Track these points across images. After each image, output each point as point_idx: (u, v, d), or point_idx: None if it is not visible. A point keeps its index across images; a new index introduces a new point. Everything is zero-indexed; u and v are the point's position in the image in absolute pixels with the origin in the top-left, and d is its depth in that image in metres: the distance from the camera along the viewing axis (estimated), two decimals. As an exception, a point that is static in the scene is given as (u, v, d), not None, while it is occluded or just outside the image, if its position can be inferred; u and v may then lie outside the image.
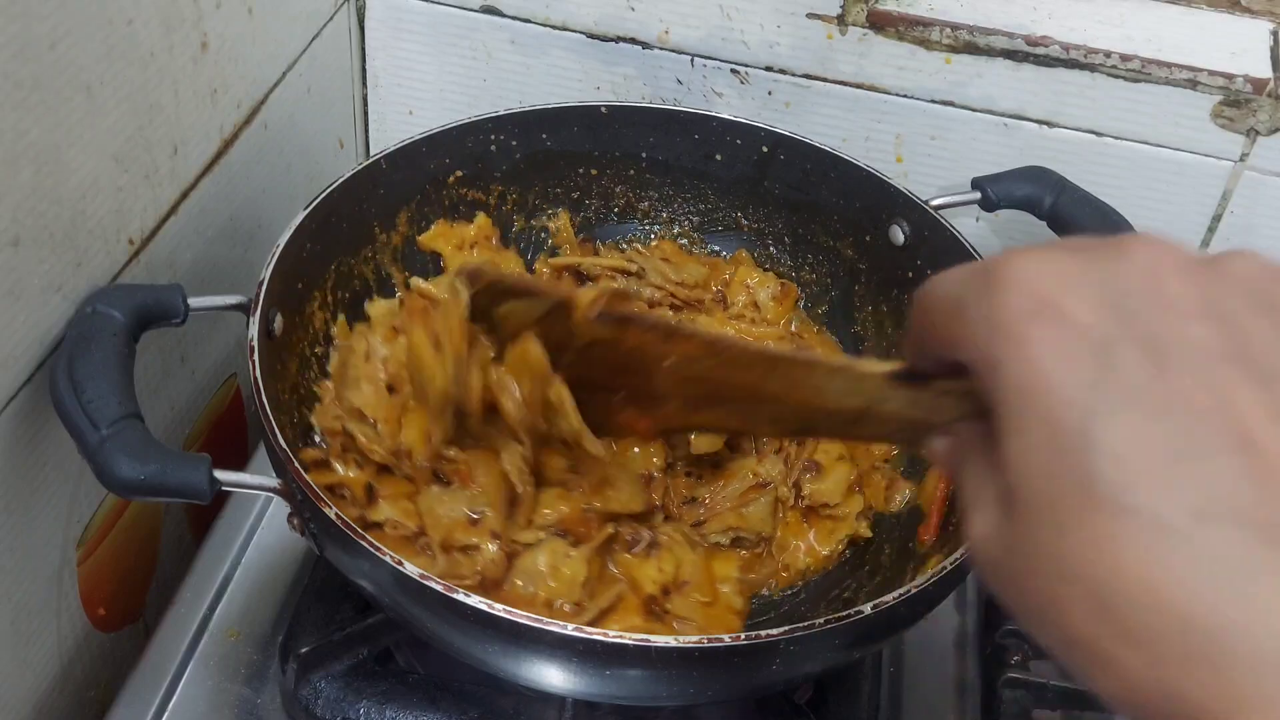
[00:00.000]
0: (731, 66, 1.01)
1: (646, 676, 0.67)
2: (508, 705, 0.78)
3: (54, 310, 0.73)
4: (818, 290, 0.99)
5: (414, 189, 0.93)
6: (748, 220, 1.01)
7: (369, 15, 1.07)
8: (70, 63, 0.70)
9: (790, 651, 0.65)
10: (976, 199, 0.92)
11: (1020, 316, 0.37)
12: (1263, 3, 0.99)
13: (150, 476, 0.66)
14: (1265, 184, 0.96)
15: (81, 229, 0.74)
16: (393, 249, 0.93)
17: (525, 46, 1.05)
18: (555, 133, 0.96)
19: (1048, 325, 0.37)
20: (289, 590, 0.87)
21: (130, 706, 0.80)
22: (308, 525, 0.71)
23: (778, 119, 1.00)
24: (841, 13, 0.96)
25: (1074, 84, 0.95)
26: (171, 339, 0.89)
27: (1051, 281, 0.37)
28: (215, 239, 0.91)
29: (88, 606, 0.85)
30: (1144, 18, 0.97)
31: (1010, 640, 0.87)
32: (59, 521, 0.80)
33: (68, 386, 0.68)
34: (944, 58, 0.96)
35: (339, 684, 0.78)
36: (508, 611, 0.63)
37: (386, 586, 0.67)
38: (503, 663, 0.68)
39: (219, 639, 0.84)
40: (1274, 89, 0.92)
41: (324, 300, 0.87)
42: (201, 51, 0.83)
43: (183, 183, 0.85)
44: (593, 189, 1.00)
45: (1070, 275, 0.37)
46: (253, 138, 0.93)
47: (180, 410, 0.92)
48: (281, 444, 0.69)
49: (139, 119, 0.78)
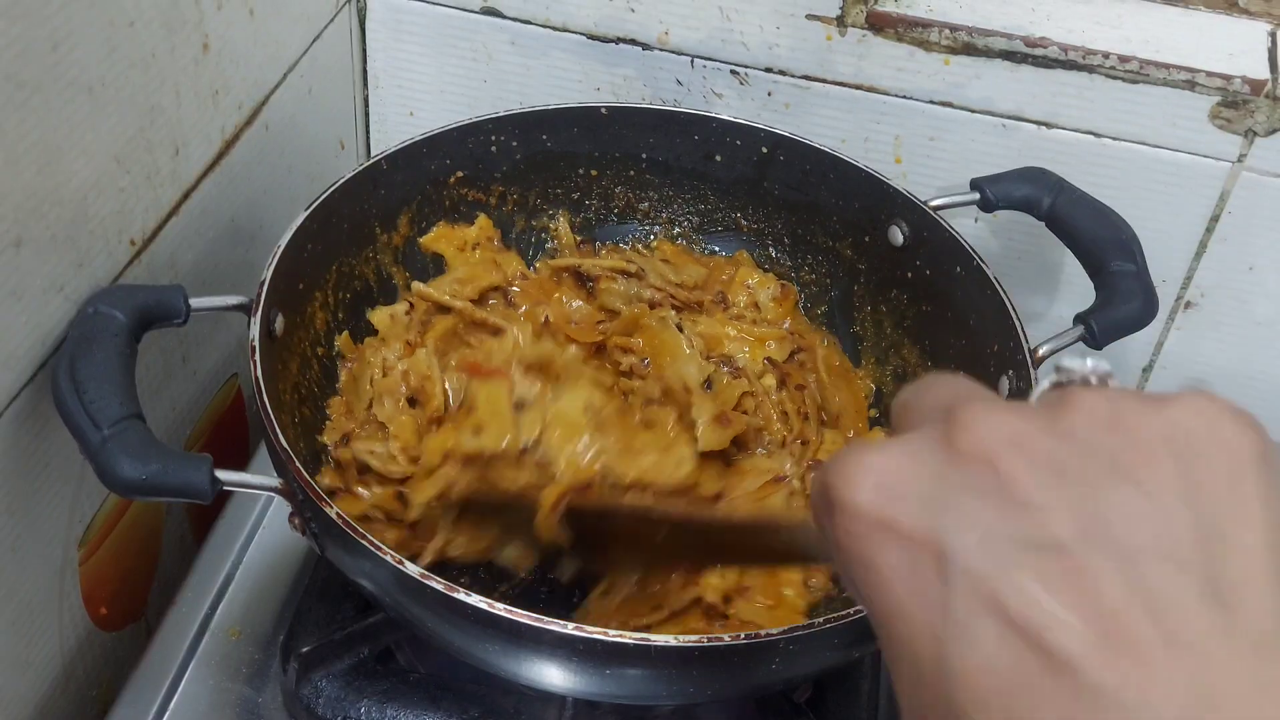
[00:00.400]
0: (731, 68, 1.02)
1: (646, 676, 0.68)
2: (508, 704, 0.78)
3: (55, 311, 0.73)
4: (817, 291, 1.00)
5: (415, 190, 0.93)
6: (747, 221, 1.01)
7: (370, 17, 1.07)
8: (72, 64, 0.70)
9: (789, 651, 0.65)
10: (975, 200, 0.92)
11: (859, 542, 0.34)
12: (1260, 4, 0.99)
13: (152, 476, 0.66)
14: (1263, 185, 0.96)
15: (83, 230, 0.75)
16: (394, 249, 0.93)
17: (525, 48, 1.05)
18: (555, 134, 0.97)
19: (877, 541, 0.33)
20: (290, 590, 0.88)
21: (132, 706, 0.80)
22: (309, 525, 0.71)
23: (777, 120, 1.00)
24: (841, 14, 0.97)
25: (1072, 85, 0.95)
26: (173, 339, 0.89)
27: (880, 493, 0.34)
28: (216, 240, 0.91)
29: (89, 606, 0.85)
30: (1142, 19, 0.97)
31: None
32: (61, 521, 0.80)
33: (69, 386, 0.68)
34: (943, 59, 0.97)
35: (340, 683, 0.79)
36: (508, 610, 0.63)
37: (387, 586, 0.68)
38: (503, 662, 0.68)
39: (220, 638, 0.84)
40: (1272, 90, 0.92)
41: (325, 300, 0.87)
42: (203, 53, 0.84)
43: (184, 184, 0.86)
44: (593, 190, 1.00)
45: (897, 479, 0.34)
46: (254, 139, 0.93)
47: (181, 411, 0.93)
48: (283, 443, 0.70)
49: (140, 120, 0.78)
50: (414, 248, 0.95)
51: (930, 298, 0.91)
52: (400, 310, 0.91)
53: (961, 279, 0.87)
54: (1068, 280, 1.04)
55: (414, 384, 0.84)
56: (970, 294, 0.87)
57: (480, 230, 0.97)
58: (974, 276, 0.86)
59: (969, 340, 0.87)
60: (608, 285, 0.96)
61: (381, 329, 0.90)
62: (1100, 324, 0.84)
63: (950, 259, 0.88)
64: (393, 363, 0.85)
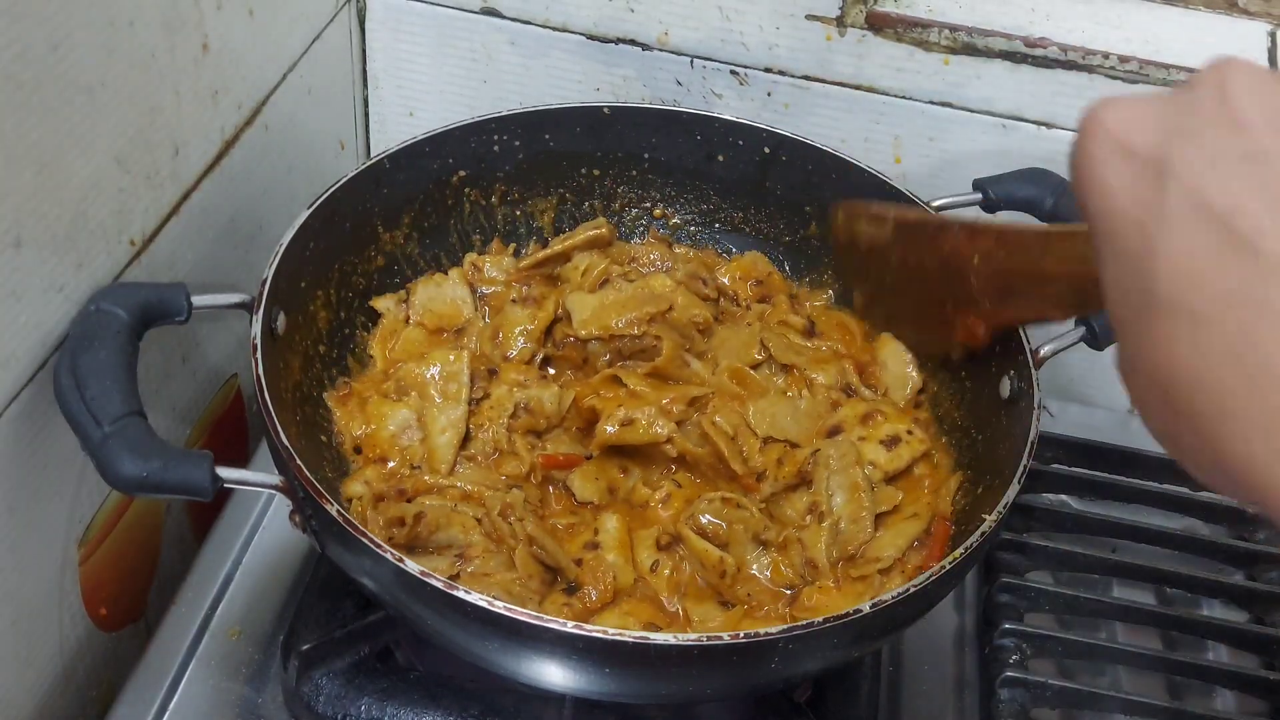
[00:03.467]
0: (731, 68, 1.02)
1: (645, 674, 0.68)
2: (508, 703, 0.78)
3: (56, 311, 0.73)
4: (817, 289, 1.00)
5: (417, 189, 0.93)
6: (749, 221, 1.01)
7: (369, 17, 1.07)
8: (72, 64, 0.70)
9: (789, 650, 0.65)
10: (978, 200, 0.92)
11: (1093, 160, 0.45)
12: (1259, 4, 0.99)
13: (153, 473, 0.66)
14: (1263, 184, 0.96)
15: (83, 230, 0.75)
16: (397, 249, 0.93)
17: (525, 48, 1.05)
18: (558, 133, 0.97)
19: (1113, 161, 0.44)
20: (290, 588, 0.88)
21: (132, 705, 0.80)
22: (309, 523, 0.71)
23: (777, 120, 1.00)
24: (840, 14, 0.97)
25: (1072, 85, 0.95)
26: (173, 339, 0.89)
27: (1120, 124, 0.44)
28: (216, 240, 0.91)
29: (89, 606, 0.85)
30: (1142, 19, 0.97)
31: (1008, 640, 0.88)
32: (61, 521, 0.80)
33: (71, 383, 0.68)
34: (942, 59, 0.97)
35: (340, 681, 0.79)
36: (508, 609, 0.63)
37: (387, 583, 0.68)
38: (503, 660, 0.68)
39: (220, 638, 0.84)
40: (1272, 90, 0.92)
41: (327, 299, 0.87)
42: (203, 53, 0.84)
43: (184, 184, 0.86)
44: (595, 189, 1.00)
45: (1137, 114, 0.44)
46: (254, 139, 0.93)
47: (181, 411, 0.93)
48: (284, 440, 0.70)
49: (140, 120, 0.78)
50: (415, 248, 0.95)
51: (930, 297, 0.91)
52: (402, 297, 0.92)
53: (962, 279, 0.87)
54: (1068, 280, 1.04)
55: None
56: (970, 294, 0.87)
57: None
58: (974, 276, 0.86)
59: (969, 340, 0.87)
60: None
61: (385, 315, 0.91)
62: (1101, 324, 0.84)
63: (950, 259, 0.88)
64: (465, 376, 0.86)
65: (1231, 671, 0.89)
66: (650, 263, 0.97)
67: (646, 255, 0.97)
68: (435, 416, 0.84)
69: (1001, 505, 0.71)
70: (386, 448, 0.83)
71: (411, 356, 0.88)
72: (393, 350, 0.90)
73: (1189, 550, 0.96)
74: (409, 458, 0.83)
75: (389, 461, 0.83)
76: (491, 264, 0.95)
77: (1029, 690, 0.85)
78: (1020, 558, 0.94)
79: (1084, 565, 0.95)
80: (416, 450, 0.84)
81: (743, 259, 0.99)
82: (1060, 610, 0.92)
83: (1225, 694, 0.90)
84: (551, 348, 0.90)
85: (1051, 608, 0.92)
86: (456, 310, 0.92)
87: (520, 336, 0.90)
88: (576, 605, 0.75)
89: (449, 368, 0.86)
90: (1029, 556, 0.94)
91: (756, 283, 0.97)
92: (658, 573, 0.78)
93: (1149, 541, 0.97)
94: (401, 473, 0.83)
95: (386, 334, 0.91)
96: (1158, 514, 0.98)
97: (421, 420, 0.84)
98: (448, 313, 0.92)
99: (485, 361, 0.89)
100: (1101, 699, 0.85)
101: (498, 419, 0.85)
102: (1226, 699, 0.90)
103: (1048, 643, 0.88)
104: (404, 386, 0.86)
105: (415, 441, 0.84)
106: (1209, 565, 0.96)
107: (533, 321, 0.90)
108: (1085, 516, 0.98)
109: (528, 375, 0.87)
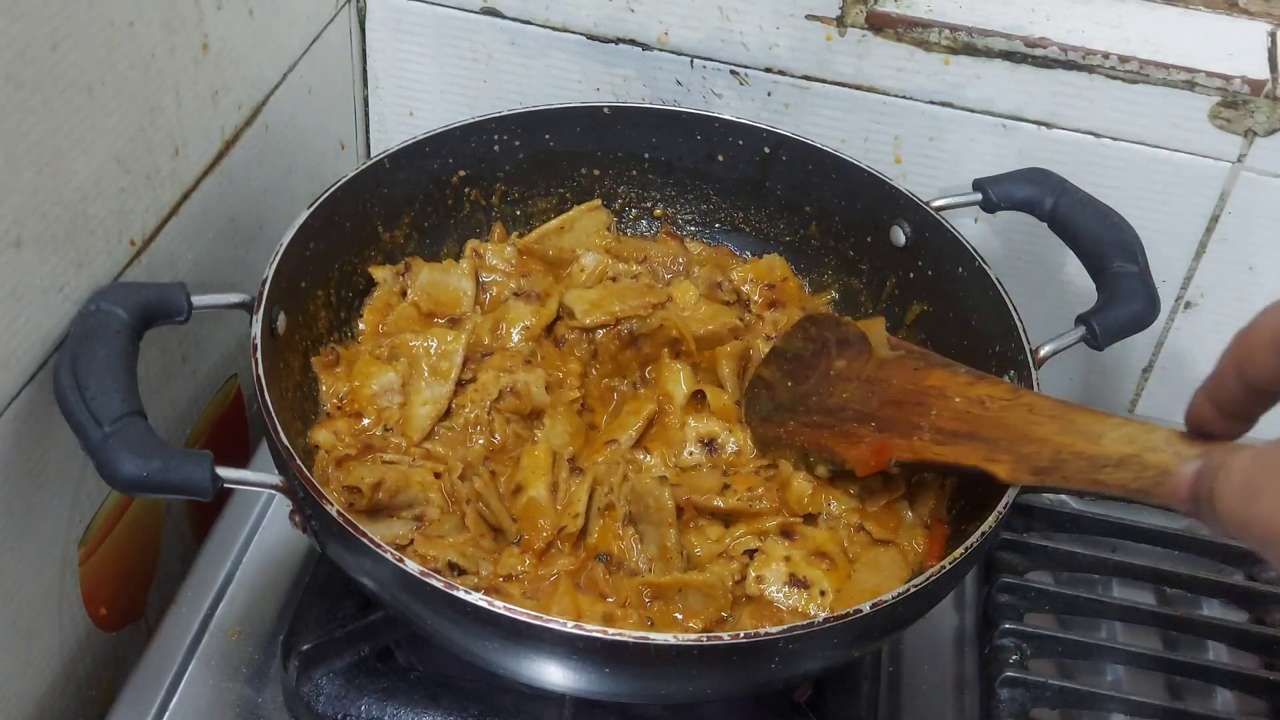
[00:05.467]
0: (731, 68, 1.02)
1: (645, 674, 0.68)
2: (508, 703, 0.78)
3: (56, 311, 0.73)
4: (818, 290, 1.00)
5: (417, 189, 0.93)
6: (749, 221, 1.01)
7: (369, 17, 1.07)
8: (72, 64, 0.70)
9: (789, 650, 0.65)
10: (978, 200, 0.92)
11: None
12: (1260, 4, 0.99)
13: (153, 473, 0.66)
14: (1263, 185, 0.96)
15: (83, 230, 0.75)
16: (397, 249, 0.93)
17: (525, 48, 1.05)
18: (558, 133, 0.97)
19: None
20: (290, 588, 0.88)
21: (132, 705, 0.80)
22: (309, 522, 0.71)
23: (777, 120, 1.00)
24: (840, 14, 0.97)
25: (1072, 85, 0.95)
26: (173, 339, 0.89)
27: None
28: (216, 240, 0.91)
29: (89, 606, 0.85)
30: (1142, 19, 0.97)
31: (1008, 640, 0.88)
32: (61, 521, 0.80)
33: (71, 383, 0.68)
34: (942, 59, 0.97)
35: (340, 681, 0.79)
36: (508, 609, 0.63)
37: (387, 583, 0.68)
38: (503, 660, 0.68)
39: (220, 638, 0.84)
40: (1271, 90, 0.92)
41: (327, 299, 0.87)
42: (202, 53, 0.84)
43: (184, 184, 0.86)
44: (595, 189, 1.00)
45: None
46: (254, 139, 0.93)
47: (181, 411, 0.93)
48: (284, 440, 0.70)
49: (140, 120, 0.78)
50: (416, 248, 0.95)
51: (932, 298, 0.91)
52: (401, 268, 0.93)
53: (963, 279, 0.87)
54: (1069, 281, 1.04)
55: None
56: (972, 294, 0.87)
57: None
58: (976, 277, 0.86)
59: (971, 340, 0.87)
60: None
61: (380, 285, 0.91)
62: (1102, 324, 0.84)
63: (952, 259, 0.88)
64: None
65: (1231, 671, 0.89)
66: (666, 265, 0.98)
67: (659, 253, 0.98)
68: (420, 388, 0.85)
69: (1001, 505, 0.71)
70: (365, 405, 0.84)
71: (406, 331, 0.89)
72: (385, 325, 0.90)
73: (1189, 550, 0.96)
74: (384, 419, 0.84)
75: (364, 418, 0.84)
76: (493, 252, 0.95)
77: (1029, 690, 0.85)
78: (1020, 558, 0.94)
79: (1084, 565, 0.95)
80: (394, 414, 0.84)
81: (759, 262, 0.99)
82: (1060, 610, 0.92)
83: (1225, 694, 0.90)
84: (552, 347, 0.91)
85: (1051, 608, 0.92)
86: (457, 300, 0.92)
87: (520, 332, 0.90)
88: (530, 556, 0.77)
89: (445, 346, 0.86)
90: (1029, 556, 0.94)
91: (769, 286, 0.97)
92: (560, 493, 0.80)
93: (1149, 541, 0.97)
94: (373, 432, 0.83)
95: (380, 305, 0.91)
96: (1158, 514, 0.98)
97: (405, 387, 0.85)
98: (447, 300, 0.92)
99: (482, 349, 0.89)
100: (1101, 699, 0.85)
101: (480, 402, 0.85)
102: (1226, 699, 0.89)
103: (1048, 643, 0.88)
104: (396, 353, 0.86)
105: (394, 405, 0.84)
106: (1209, 565, 0.96)
107: (534, 318, 0.91)
108: (1085, 516, 0.98)
109: (514, 362, 0.88)
